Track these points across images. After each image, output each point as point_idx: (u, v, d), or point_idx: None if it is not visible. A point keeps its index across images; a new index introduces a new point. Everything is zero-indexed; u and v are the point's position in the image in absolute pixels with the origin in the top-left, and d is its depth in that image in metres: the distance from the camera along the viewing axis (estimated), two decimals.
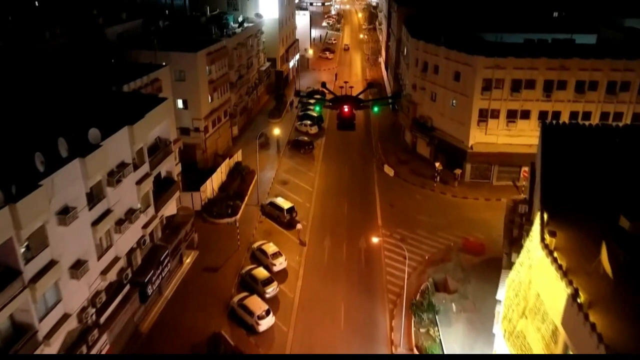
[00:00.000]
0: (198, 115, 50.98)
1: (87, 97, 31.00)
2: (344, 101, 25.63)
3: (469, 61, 47.64)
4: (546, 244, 21.12)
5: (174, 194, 34.88)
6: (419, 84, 55.48)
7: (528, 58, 46.29)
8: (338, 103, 25.61)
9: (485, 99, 47.89)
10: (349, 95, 27.24)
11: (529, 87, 47.20)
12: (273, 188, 50.21)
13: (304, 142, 59.19)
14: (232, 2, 76.09)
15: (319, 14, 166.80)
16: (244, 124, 66.06)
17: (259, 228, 43.17)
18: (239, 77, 62.65)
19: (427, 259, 38.74)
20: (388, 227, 43.35)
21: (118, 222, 27.21)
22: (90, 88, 33.52)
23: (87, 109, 28.88)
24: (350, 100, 25.64)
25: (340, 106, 25.06)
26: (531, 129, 48.53)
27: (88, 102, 29.98)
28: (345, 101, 25.62)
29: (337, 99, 26.11)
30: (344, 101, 25.64)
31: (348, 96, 27.00)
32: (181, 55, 48.92)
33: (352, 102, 25.52)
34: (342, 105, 24.94)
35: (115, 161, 26.74)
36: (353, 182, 51.70)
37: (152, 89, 40.14)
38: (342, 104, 25.25)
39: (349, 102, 25.55)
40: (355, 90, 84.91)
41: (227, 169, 50.59)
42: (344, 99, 26.07)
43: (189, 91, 50.11)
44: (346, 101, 25.63)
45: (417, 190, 49.99)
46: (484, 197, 48.53)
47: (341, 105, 25.03)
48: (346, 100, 25.92)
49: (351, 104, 25.17)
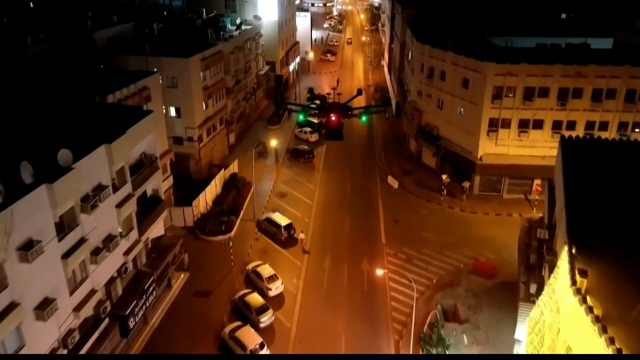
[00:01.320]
0: (191, 124, 48.27)
1: (63, 110, 28.28)
2: (331, 109, 23.77)
3: (478, 67, 44.84)
4: (578, 288, 18.35)
5: (161, 213, 32.13)
6: (424, 90, 52.69)
7: (541, 64, 43.47)
8: (325, 111, 23.83)
9: (495, 107, 45.07)
10: (337, 103, 25.33)
11: (543, 96, 44.38)
12: (270, 201, 47.48)
13: (304, 151, 56.44)
14: (230, 4, 73.38)
15: (320, 14, 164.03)
16: (242, 131, 63.33)
17: (255, 246, 40.43)
18: (236, 82, 59.92)
19: (435, 282, 35.95)
20: (392, 245, 40.56)
21: (94, 251, 24.50)
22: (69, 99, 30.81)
23: (61, 124, 26.17)
24: (338, 109, 23.89)
25: (327, 115, 23.48)
26: (544, 140, 45.81)
27: (63, 117, 27.28)
28: (333, 109, 23.74)
29: (324, 107, 24.50)
30: (331, 109, 23.79)
31: (336, 104, 25.09)
32: (173, 61, 46.23)
33: (340, 111, 23.62)
34: (329, 114, 23.36)
35: (90, 184, 24.03)
36: (355, 194, 48.94)
37: (139, 99, 37.44)
38: (329, 112, 23.46)
39: (337, 110, 23.64)
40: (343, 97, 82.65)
41: (222, 181, 47.87)
42: (331, 107, 24.23)
43: (182, 98, 47.41)
44: (333, 109, 23.74)
45: (423, 204, 47.19)
46: (494, 212, 45.72)
47: (328, 114, 23.45)
48: (333, 108, 24.03)
49: (339, 113, 23.48)
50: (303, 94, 71.37)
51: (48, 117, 27.13)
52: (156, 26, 60.53)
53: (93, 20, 49.53)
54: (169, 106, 47.88)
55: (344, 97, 34.92)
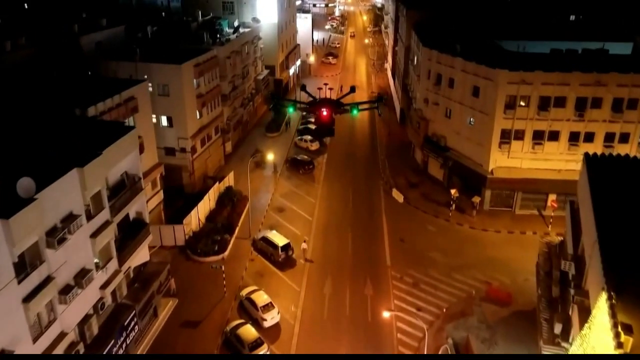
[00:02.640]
0: (184, 134, 45.44)
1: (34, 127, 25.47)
2: (323, 105, 22.64)
3: (490, 75, 41.92)
4: (620, 342, 15.53)
5: (145, 238, 29.28)
6: (431, 98, 49.77)
7: (558, 72, 40.53)
8: (316, 107, 22.68)
9: (508, 118, 42.14)
10: (328, 99, 24.10)
11: (559, 105, 41.43)
12: (268, 216, 44.62)
13: (304, 162, 53.55)
14: (228, 6, 70.63)
15: (322, 15, 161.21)
16: (239, 139, 60.51)
17: (250, 268, 37.57)
18: (232, 89, 57.08)
19: (445, 311, 33.04)
20: (398, 267, 37.67)
21: (64, 290, 21.70)
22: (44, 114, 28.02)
23: (30, 144, 23.37)
24: (329, 104, 22.91)
25: (319, 110, 22.58)
26: (560, 152, 42.88)
27: (33, 135, 24.48)
28: (324, 105, 22.61)
29: (315, 102, 23.18)
30: (322, 105, 22.66)
31: (327, 99, 23.80)
32: (164, 68, 43.42)
33: (331, 106, 22.62)
34: (320, 109, 22.48)
35: (58, 214, 21.23)
36: (358, 209, 46.03)
37: (125, 110, 34.63)
38: (320, 107, 22.42)
39: (328, 105, 22.59)
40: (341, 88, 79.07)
41: (216, 195, 45.03)
42: (323, 103, 23.02)
43: (174, 107, 44.59)
44: (325, 105, 22.63)
45: (430, 220, 44.27)
46: (506, 229, 42.78)
47: (319, 109, 22.55)
48: (325, 104, 22.88)
49: (330, 108, 22.62)
50: (303, 98, 68.53)
51: (15, 136, 24.33)
52: (150, 29, 57.97)
53: (81, 24, 46.67)
54: (160, 115, 45.16)
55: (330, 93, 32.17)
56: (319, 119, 22.75)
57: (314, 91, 28.73)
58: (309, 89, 27.89)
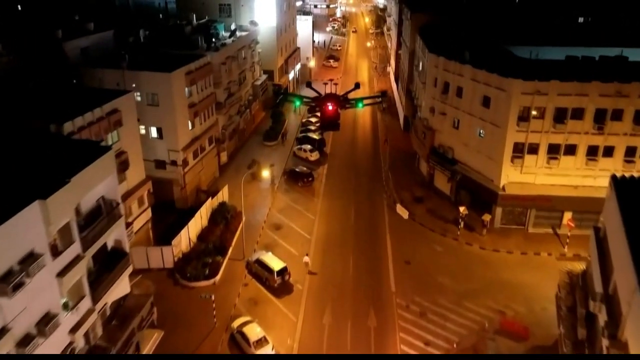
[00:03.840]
0: (175, 146, 42.64)
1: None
2: (328, 99, 23.40)
3: (502, 85, 39.05)
4: None
5: (125, 269, 26.46)
6: (438, 107, 46.90)
7: (576, 82, 37.66)
8: (321, 101, 23.36)
9: (521, 130, 39.26)
10: (333, 94, 25.02)
11: (576, 117, 38.56)
12: (264, 235, 41.79)
13: (303, 174, 50.68)
14: (225, 8, 67.84)
15: (323, 16, 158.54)
16: (235, 149, 57.70)
17: (243, 294, 34.73)
18: (228, 96, 54.31)
19: (455, 347, 30.14)
20: (403, 293, 34.81)
21: (22, 341, 18.88)
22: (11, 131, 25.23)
23: None
24: (334, 99, 23.70)
25: (324, 104, 23.21)
26: (577, 168, 40.01)
27: None
28: (329, 99, 23.39)
29: (321, 97, 23.82)
30: (327, 99, 23.41)
31: (332, 94, 24.69)
32: (153, 76, 40.61)
33: (336, 101, 23.44)
34: (326, 104, 23.15)
35: (15, 256, 18.43)
36: (360, 227, 43.17)
37: (107, 124, 31.86)
38: (326, 102, 23.15)
39: (333, 100, 23.39)
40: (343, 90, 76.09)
41: (209, 212, 42.20)
42: (328, 97, 23.77)
43: (164, 118, 41.79)
44: (330, 99, 23.40)
45: (437, 239, 41.41)
46: (519, 250, 39.89)
47: (324, 104, 23.21)
48: (330, 98, 23.65)
49: (336, 103, 23.36)
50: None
51: None
52: (143, 33, 55.21)
53: (65, 29, 43.88)
54: (149, 126, 42.41)
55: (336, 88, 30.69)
56: (324, 113, 23.41)
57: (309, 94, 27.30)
58: (308, 93, 27.36)
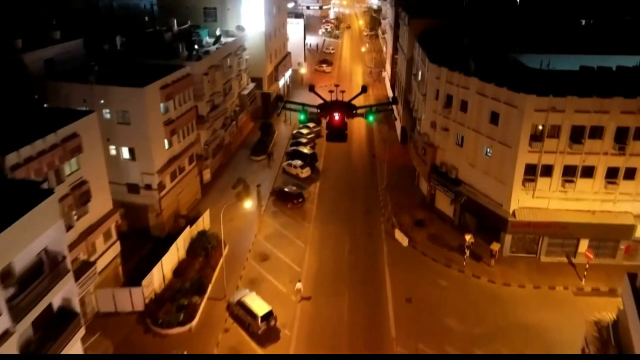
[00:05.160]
0: (149, 168, 38.35)
1: None
2: (334, 107, 21.58)
3: (513, 100, 35.06)
4: None
5: (76, 332, 22.18)
6: (439, 122, 42.88)
7: (595, 97, 33.74)
8: (327, 110, 21.57)
9: (534, 151, 35.31)
10: (340, 101, 22.58)
11: (595, 136, 34.66)
12: (248, 267, 37.60)
13: (292, 194, 46.46)
14: (210, 13, 63.51)
15: (316, 18, 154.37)
16: (220, 165, 53.45)
17: (223, 342, 30.47)
18: (212, 108, 50.06)
19: None
20: (405, 339, 30.69)
21: None
22: None
23: None
24: (341, 107, 21.82)
25: (330, 114, 21.40)
26: (595, 191, 36.16)
27: None
28: (336, 107, 21.57)
29: (326, 105, 21.89)
30: (333, 107, 21.60)
31: (339, 101, 22.46)
32: (123, 91, 36.35)
33: (343, 109, 21.61)
34: (332, 113, 21.35)
35: None
36: (356, 256, 39.03)
37: (63, 153, 27.60)
38: (332, 110, 21.36)
39: (340, 108, 21.56)
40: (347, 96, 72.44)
41: (187, 242, 37.91)
42: (334, 105, 21.90)
43: (136, 138, 37.53)
44: (336, 107, 21.58)
45: (441, 271, 37.38)
46: (531, 283, 35.93)
47: (331, 113, 21.40)
48: (337, 106, 21.80)
49: (343, 111, 21.51)
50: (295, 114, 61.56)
51: None
52: (120, 40, 50.89)
53: (26, 38, 39.47)
54: (120, 147, 38.14)
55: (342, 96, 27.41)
56: (330, 123, 21.50)
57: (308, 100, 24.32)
58: (302, 100, 25.05)
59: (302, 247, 39.92)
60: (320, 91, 24.04)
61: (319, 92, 23.42)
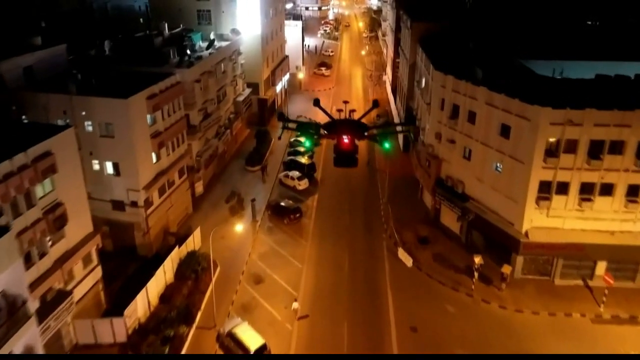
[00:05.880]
0: (135, 184, 35.76)
1: None
2: (343, 128, 18.86)
3: (526, 113, 32.51)
4: None
5: None
6: (445, 133, 40.33)
7: (616, 110, 31.21)
8: (334, 131, 18.88)
9: (549, 167, 32.77)
10: (350, 119, 20.17)
11: (615, 152, 32.12)
12: (241, 290, 35.02)
13: (289, 209, 43.85)
14: (204, 15, 60.95)
15: (315, 19, 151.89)
16: (214, 175, 50.88)
17: None
18: (204, 117, 47.51)
19: None
20: None
21: None
22: None
23: None
24: (351, 127, 19.13)
25: (338, 135, 18.66)
26: (614, 210, 33.60)
27: None
28: (345, 128, 18.86)
29: (334, 125, 19.19)
30: (342, 128, 18.87)
31: (348, 120, 20.08)
32: (106, 102, 33.78)
33: (354, 130, 18.87)
34: (341, 135, 18.65)
35: None
36: (356, 279, 36.44)
37: (34, 174, 25.02)
38: (341, 132, 18.63)
39: (350, 129, 18.84)
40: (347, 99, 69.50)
41: (175, 264, 35.33)
42: (343, 125, 19.24)
43: (121, 152, 34.95)
44: (346, 128, 18.88)
45: (448, 295, 34.83)
46: (546, 310, 33.37)
47: (339, 135, 18.68)
48: (346, 126, 19.11)
49: (353, 132, 18.77)
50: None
51: None
52: (108, 45, 48.37)
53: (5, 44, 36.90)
54: (104, 161, 35.57)
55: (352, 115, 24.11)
56: (339, 146, 18.89)
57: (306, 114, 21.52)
58: (299, 108, 21.15)
59: (298, 268, 37.34)
60: (319, 95, 21.17)
61: (323, 107, 19.93)
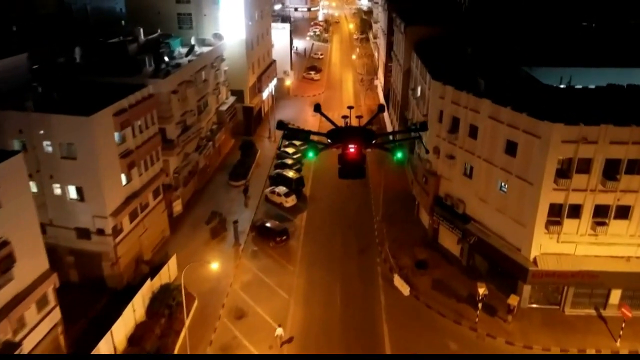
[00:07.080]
0: (101, 211, 32.11)
1: None
2: (350, 137, 16.16)
3: (535, 129, 29.33)
4: None
5: None
6: (444, 148, 37.11)
7: (634, 126, 28.13)
8: (339, 139, 16.23)
9: (560, 189, 29.63)
10: (354, 127, 17.63)
11: (632, 171, 29.06)
12: (220, 328, 31.50)
13: (275, 231, 40.34)
14: (184, 19, 57.35)
15: (304, 20, 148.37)
16: (195, 192, 47.29)
17: None
18: (183, 130, 43.95)
19: None
20: None
21: None
22: None
23: None
24: (358, 135, 16.34)
25: (344, 145, 15.94)
26: (630, 235, 30.54)
27: None
28: (351, 136, 16.25)
29: (338, 132, 16.60)
30: (349, 137, 16.17)
31: (353, 128, 17.47)
32: (66, 120, 30.14)
33: (361, 138, 16.09)
34: (347, 144, 15.90)
35: None
36: (349, 312, 32.97)
37: None
38: (347, 140, 15.99)
39: (357, 137, 16.10)
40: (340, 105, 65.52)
41: (147, 299, 31.73)
42: (349, 133, 16.61)
43: (84, 174, 31.32)
44: (352, 135, 16.27)
45: (449, 328, 31.58)
46: (557, 346, 30.25)
47: (345, 143, 15.95)
48: (352, 134, 16.46)
49: (360, 141, 15.94)
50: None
51: None
52: (79, 52, 44.60)
53: None
54: (65, 185, 31.92)
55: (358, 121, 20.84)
56: (344, 156, 16.67)
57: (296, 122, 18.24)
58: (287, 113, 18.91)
59: (285, 299, 33.90)
60: (307, 102, 17.82)
61: (324, 113, 17.53)
